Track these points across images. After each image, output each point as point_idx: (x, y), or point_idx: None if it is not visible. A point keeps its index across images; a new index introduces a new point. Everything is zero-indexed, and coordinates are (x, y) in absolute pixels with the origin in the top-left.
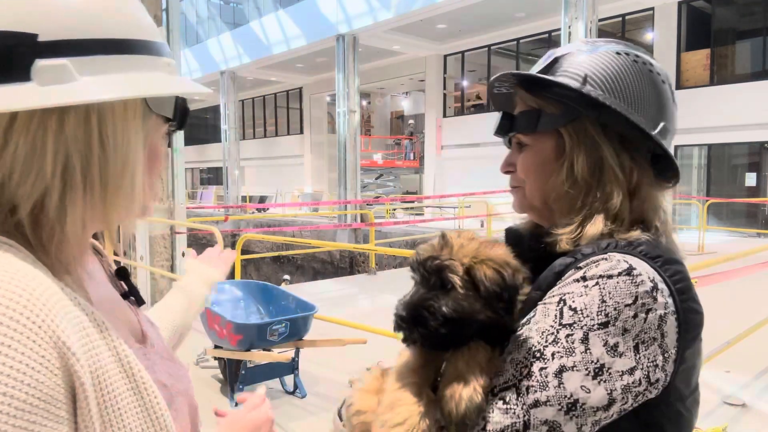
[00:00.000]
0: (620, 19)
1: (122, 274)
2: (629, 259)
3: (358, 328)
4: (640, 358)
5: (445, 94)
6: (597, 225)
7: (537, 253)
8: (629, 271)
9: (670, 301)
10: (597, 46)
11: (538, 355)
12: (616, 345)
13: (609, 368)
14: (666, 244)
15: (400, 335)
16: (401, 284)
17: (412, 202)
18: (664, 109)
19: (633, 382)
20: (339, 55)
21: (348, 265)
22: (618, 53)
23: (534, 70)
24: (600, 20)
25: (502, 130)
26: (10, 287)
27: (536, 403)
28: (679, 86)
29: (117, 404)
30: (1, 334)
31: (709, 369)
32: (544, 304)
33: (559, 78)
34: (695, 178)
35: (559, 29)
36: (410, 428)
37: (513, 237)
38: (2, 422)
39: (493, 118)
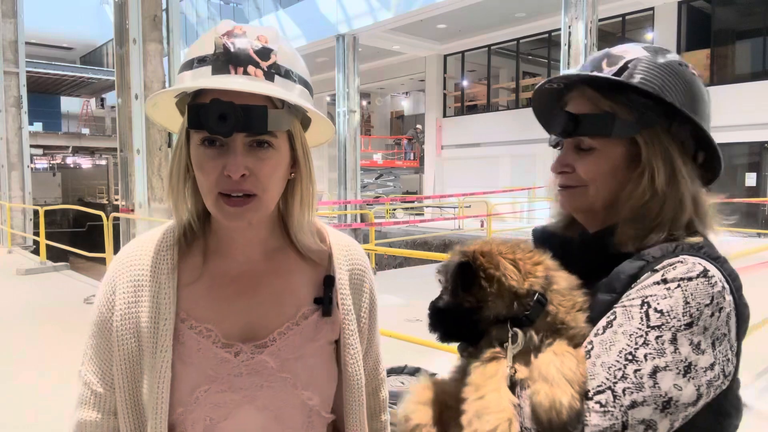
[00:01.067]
0: (620, 19)
1: (327, 282)
2: (702, 262)
3: None
4: (716, 354)
5: (445, 94)
6: (662, 233)
7: (589, 254)
8: (705, 273)
9: (730, 298)
10: (660, 54)
11: (630, 357)
12: (699, 343)
13: (695, 365)
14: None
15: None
16: (401, 284)
17: (412, 202)
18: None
19: (714, 377)
20: (339, 55)
21: None
22: (680, 63)
23: (594, 72)
24: (600, 20)
25: (566, 131)
26: (123, 253)
27: (633, 404)
28: None
29: (132, 352)
30: (113, 272)
31: None
32: (624, 306)
33: (638, 85)
34: None
35: (559, 29)
36: None
37: (540, 236)
38: (92, 325)
39: (493, 118)
